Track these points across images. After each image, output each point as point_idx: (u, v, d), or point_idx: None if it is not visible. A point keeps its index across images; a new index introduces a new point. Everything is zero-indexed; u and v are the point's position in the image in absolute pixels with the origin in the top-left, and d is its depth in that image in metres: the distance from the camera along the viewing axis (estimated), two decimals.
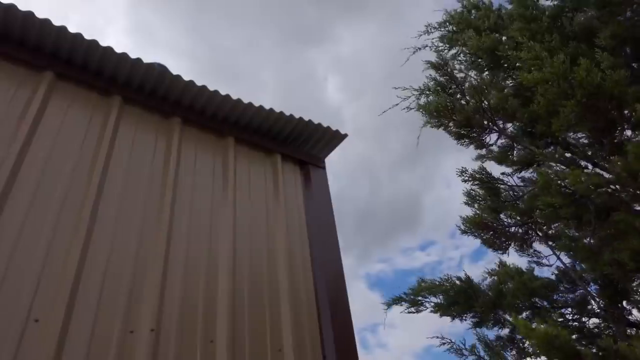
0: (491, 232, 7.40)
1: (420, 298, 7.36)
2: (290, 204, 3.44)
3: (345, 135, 3.80)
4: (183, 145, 3.21)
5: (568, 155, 6.60)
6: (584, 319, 6.94)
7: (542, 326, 4.89)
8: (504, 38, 7.24)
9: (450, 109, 6.94)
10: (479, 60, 7.46)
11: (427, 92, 7.45)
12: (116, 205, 2.62)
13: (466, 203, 7.78)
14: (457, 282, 7.27)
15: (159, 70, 3.20)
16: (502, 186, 7.73)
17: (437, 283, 7.26)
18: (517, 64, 6.27)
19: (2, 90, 2.70)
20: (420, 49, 8.19)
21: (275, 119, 3.58)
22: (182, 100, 3.37)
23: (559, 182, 5.47)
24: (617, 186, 5.22)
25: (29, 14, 2.83)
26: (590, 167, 6.46)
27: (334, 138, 3.80)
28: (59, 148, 2.67)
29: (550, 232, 7.26)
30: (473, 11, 8.05)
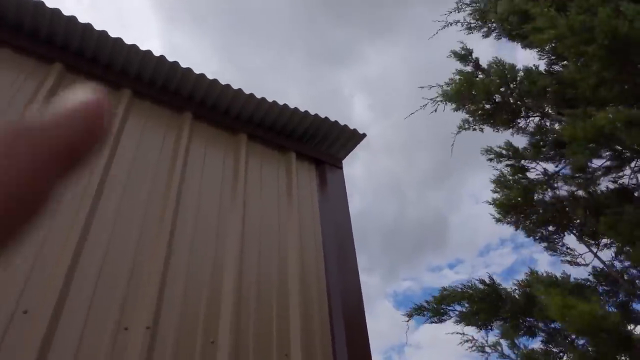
0: (522, 215, 6.85)
1: (443, 307, 6.91)
2: (304, 205, 3.27)
3: (364, 135, 3.63)
4: (193, 141, 3.09)
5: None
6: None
7: (585, 305, 4.21)
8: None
9: (469, 86, 6.62)
10: (508, 24, 7.10)
11: (451, 85, 7.18)
12: (118, 200, 2.51)
13: (494, 191, 7.25)
14: (481, 286, 6.74)
15: (170, 63, 3.12)
16: (532, 165, 7.22)
17: (460, 290, 6.79)
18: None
19: (9, 80, 2.65)
20: (451, 24, 7.99)
21: (290, 115, 3.44)
22: (193, 94, 3.27)
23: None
24: None
25: (39, 3, 2.80)
26: None
27: (352, 137, 3.63)
28: None
29: (584, 228, 6.71)
30: None
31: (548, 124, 7.22)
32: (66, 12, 2.86)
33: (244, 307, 2.47)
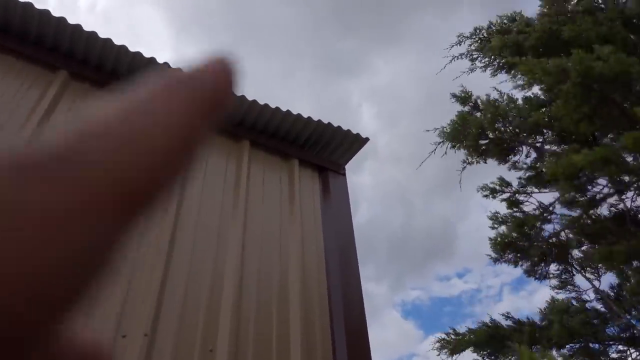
0: (518, 254, 7.06)
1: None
2: (306, 212, 3.26)
3: (367, 140, 3.61)
4: None
5: None
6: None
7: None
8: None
9: (463, 124, 6.85)
10: (502, 60, 7.34)
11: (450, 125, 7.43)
12: None
13: (492, 227, 7.47)
14: (485, 327, 6.96)
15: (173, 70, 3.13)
16: (528, 200, 7.38)
17: (467, 334, 6.99)
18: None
19: (14, 87, 2.68)
20: (456, 57, 8.14)
21: (293, 121, 3.44)
22: None
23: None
24: None
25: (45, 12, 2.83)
26: None
27: (354, 142, 3.62)
28: None
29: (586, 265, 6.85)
30: (505, 20, 7.94)
31: (537, 156, 7.44)
32: (76, 23, 2.89)
33: (244, 314, 2.45)
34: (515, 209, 7.38)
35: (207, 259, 2.58)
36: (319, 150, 3.65)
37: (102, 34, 2.96)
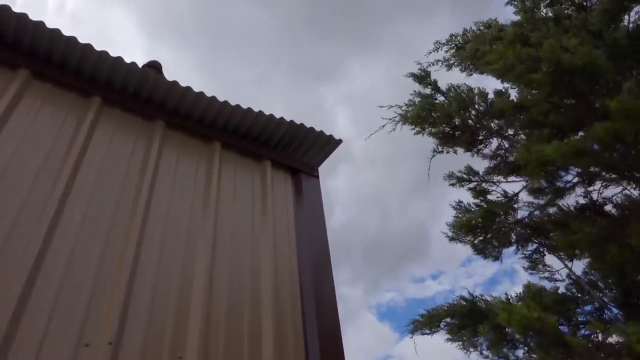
0: (482, 236, 7.04)
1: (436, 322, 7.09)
2: (279, 215, 3.22)
3: (340, 141, 3.60)
4: (165, 149, 3.02)
5: None
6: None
7: (523, 310, 4.49)
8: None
9: (429, 109, 6.84)
10: (476, 59, 7.40)
11: (411, 107, 7.37)
12: (83, 209, 2.42)
13: (456, 217, 7.40)
14: (463, 302, 6.91)
15: (141, 70, 3.06)
16: (494, 189, 7.43)
17: (446, 308, 6.95)
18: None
19: None
20: (432, 64, 8.20)
21: (265, 122, 3.40)
22: (166, 102, 3.21)
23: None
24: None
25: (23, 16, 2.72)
26: None
27: (327, 144, 3.60)
28: (27, 147, 2.50)
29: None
30: (481, 26, 8.03)
31: (507, 145, 7.49)
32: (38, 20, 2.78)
33: (214, 320, 2.40)
34: (481, 198, 7.35)
35: (175, 261, 2.51)
36: (292, 152, 3.62)
37: (69, 34, 2.86)
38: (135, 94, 3.15)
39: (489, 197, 7.43)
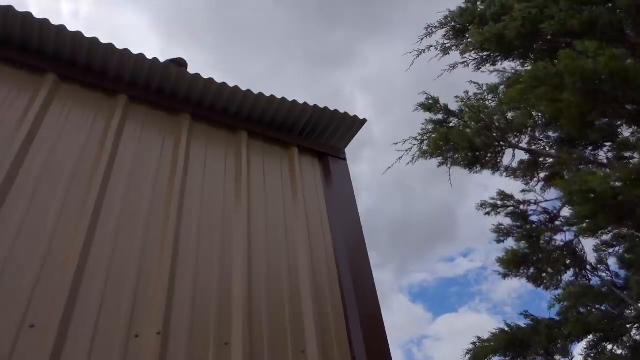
0: (533, 267, 6.80)
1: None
2: (310, 200, 3.21)
3: (365, 121, 3.56)
4: (193, 143, 3.05)
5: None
6: None
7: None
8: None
9: (446, 138, 6.54)
10: (485, 53, 7.02)
11: (426, 136, 7.09)
12: (120, 207, 2.47)
13: (497, 241, 7.21)
14: (503, 333, 6.75)
15: (163, 65, 3.07)
16: (531, 208, 7.16)
17: (488, 344, 6.83)
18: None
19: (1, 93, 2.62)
20: (424, 51, 7.81)
21: (289, 108, 3.38)
22: (190, 96, 3.23)
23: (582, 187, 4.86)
24: None
25: (28, 15, 2.76)
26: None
27: (353, 125, 3.57)
28: (60, 149, 2.55)
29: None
30: (478, 3, 7.57)
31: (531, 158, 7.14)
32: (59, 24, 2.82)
33: (256, 306, 2.42)
34: (522, 222, 7.07)
35: (213, 252, 2.54)
36: (318, 136, 3.60)
37: (73, 29, 2.89)
38: (160, 90, 3.17)
39: (531, 218, 7.12)
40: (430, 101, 7.28)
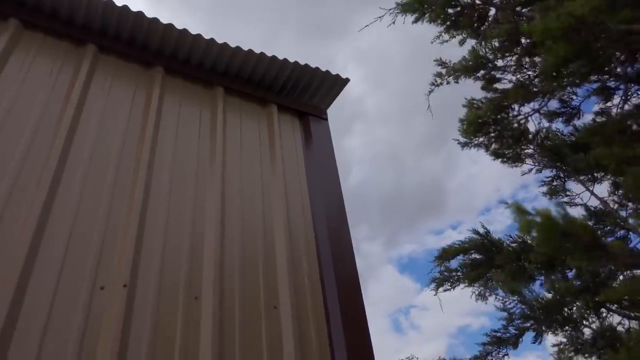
0: (492, 133, 6.46)
1: (454, 274, 6.94)
2: (289, 160, 3.13)
3: (347, 80, 3.46)
4: (165, 97, 2.92)
5: None
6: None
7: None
8: None
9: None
10: None
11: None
12: (86, 159, 2.36)
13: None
14: (475, 236, 6.65)
15: (135, 13, 2.91)
16: (505, 76, 6.71)
17: (459, 245, 6.79)
18: None
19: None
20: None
21: (268, 63, 3.26)
22: (163, 47, 3.08)
23: None
24: None
25: None
26: None
27: (335, 84, 3.46)
28: (22, 102, 2.42)
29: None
30: None
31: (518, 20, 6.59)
32: None
33: (228, 262, 2.36)
34: (490, 87, 6.57)
35: (185, 208, 2.46)
36: (298, 95, 3.50)
37: None
38: (131, 40, 3.02)
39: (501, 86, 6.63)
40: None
